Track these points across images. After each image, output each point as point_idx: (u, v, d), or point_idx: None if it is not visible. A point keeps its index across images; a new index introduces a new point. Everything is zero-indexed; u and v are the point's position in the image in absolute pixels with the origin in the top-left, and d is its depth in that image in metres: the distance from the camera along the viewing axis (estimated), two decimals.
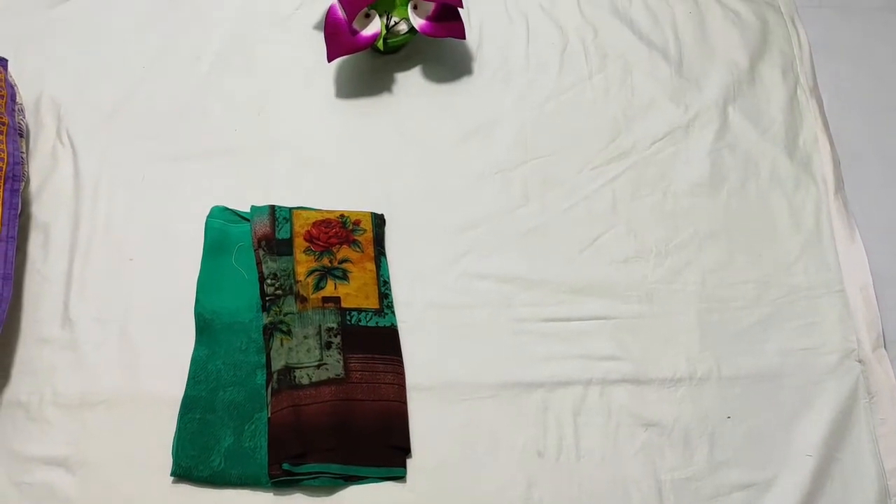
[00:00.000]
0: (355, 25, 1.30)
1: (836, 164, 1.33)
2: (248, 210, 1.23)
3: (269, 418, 1.07)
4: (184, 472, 1.04)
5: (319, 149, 1.31)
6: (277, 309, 1.14)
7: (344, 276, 1.17)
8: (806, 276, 1.24)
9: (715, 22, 1.47)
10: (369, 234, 1.21)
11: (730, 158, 1.33)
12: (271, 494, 1.05)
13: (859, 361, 1.17)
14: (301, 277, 1.16)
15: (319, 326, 1.13)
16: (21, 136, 1.21)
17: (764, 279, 1.23)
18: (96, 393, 1.09)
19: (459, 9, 1.32)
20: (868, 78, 1.45)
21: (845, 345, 1.19)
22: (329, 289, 1.16)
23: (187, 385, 1.09)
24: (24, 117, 1.26)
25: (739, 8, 1.49)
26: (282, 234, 1.20)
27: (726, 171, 1.32)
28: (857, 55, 1.47)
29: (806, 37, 1.47)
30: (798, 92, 1.41)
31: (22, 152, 1.19)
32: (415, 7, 1.32)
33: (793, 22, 1.48)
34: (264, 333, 1.13)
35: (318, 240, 1.20)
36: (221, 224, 1.21)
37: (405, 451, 1.08)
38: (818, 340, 1.19)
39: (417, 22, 1.32)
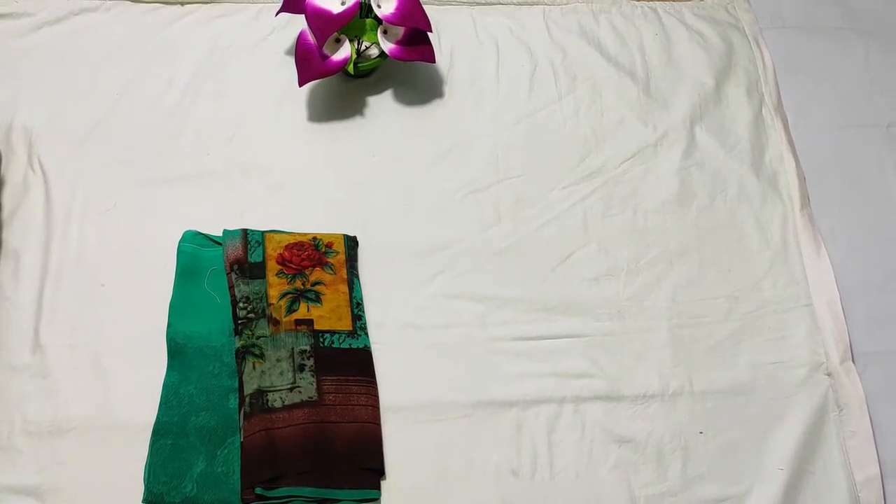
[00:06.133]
0: (326, 50, 1.31)
1: (802, 180, 1.36)
2: (220, 234, 1.23)
3: (241, 443, 1.07)
4: (156, 498, 1.03)
5: (292, 172, 1.31)
6: (250, 332, 1.14)
7: (317, 299, 1.18)
8: (774, 290, 1.26)
9: (681, 43, 1.50)
10: (342, 257, 1.22)
11: (698, 176, 1.35)
12: None
13: (828, 375, 1.19)
14: (274, 300, 1.16)
15: (292, 349, 1.13)
16: None
17: (734, 294, 1.25)
18: (67, 420, 1.08)
19: (429, 33, 1.33)
20: (831, 96, 1.47)
21: (814, 358, 1.20)
22: (302, 311, 1.16)
23: (159, 410, 1.08)
24: None
25: (704, 30, 1.52)
26: (254, 257, 1.20)
27: (695, 189, 1.34)
28: (819, 74, 1.49)
29: (770, 57, 1.50)
30: (763, 111, 1.44)
31: None
32: (385, 31, 1.34)
33: (757, 42, 1.51)
34: (237, 357, 1.13)
35: (291, 263, 1.20)
36: (194, 248, 1.21)
37: (379, 472, 1.08)
38: (788, 354, 1.20)
39: (387, 46, 1.33)
